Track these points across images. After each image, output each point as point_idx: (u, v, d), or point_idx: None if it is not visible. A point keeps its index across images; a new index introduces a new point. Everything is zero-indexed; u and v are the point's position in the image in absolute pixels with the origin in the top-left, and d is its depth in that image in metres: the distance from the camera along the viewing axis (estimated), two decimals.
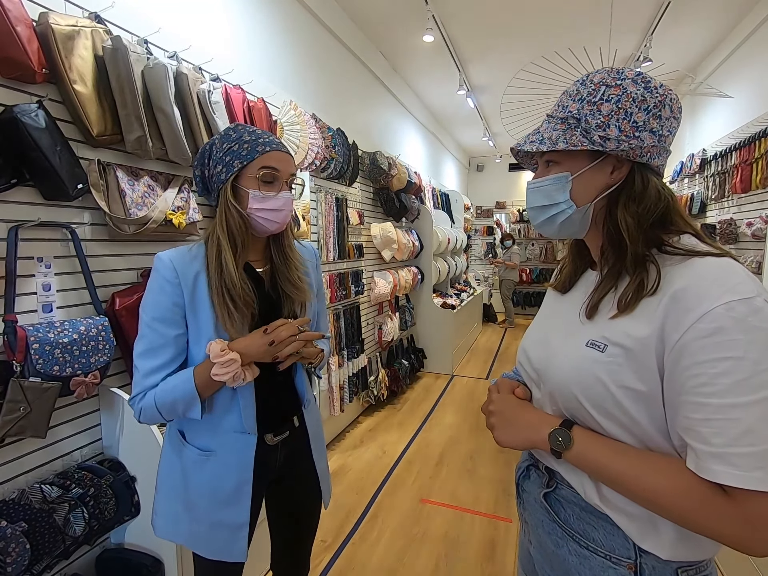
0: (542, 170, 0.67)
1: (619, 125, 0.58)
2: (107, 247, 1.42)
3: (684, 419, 0.52)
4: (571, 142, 0.60)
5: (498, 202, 8.25)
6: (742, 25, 3.28)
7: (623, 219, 0.60)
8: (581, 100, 0.61)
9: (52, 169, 1.16)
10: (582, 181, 0.63)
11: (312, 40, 2.76)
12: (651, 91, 0.58)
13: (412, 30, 3.36)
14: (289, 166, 0.92)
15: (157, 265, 0.89)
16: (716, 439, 0.48)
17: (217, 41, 1.95)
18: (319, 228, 2.70)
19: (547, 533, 0.70)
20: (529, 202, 0.70)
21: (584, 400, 0.59)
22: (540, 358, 0.70)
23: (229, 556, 0.93)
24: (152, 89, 1.42)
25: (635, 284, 0.57)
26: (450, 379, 4.37)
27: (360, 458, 2.75)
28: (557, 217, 0.66)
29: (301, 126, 2.25)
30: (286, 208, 0.92)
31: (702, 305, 0.49)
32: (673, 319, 0.52)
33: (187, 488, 0.93)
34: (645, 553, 0.59)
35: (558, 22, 3.31)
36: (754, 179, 2.89)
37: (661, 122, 0.58)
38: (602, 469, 0.57)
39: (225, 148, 0.88)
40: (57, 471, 1.28)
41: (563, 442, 0.60)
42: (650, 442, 0.57)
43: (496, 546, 1.96)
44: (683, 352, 0.50)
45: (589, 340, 0.60)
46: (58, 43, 1.18)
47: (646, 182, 0.60)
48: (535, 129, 0.67)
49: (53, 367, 1.14)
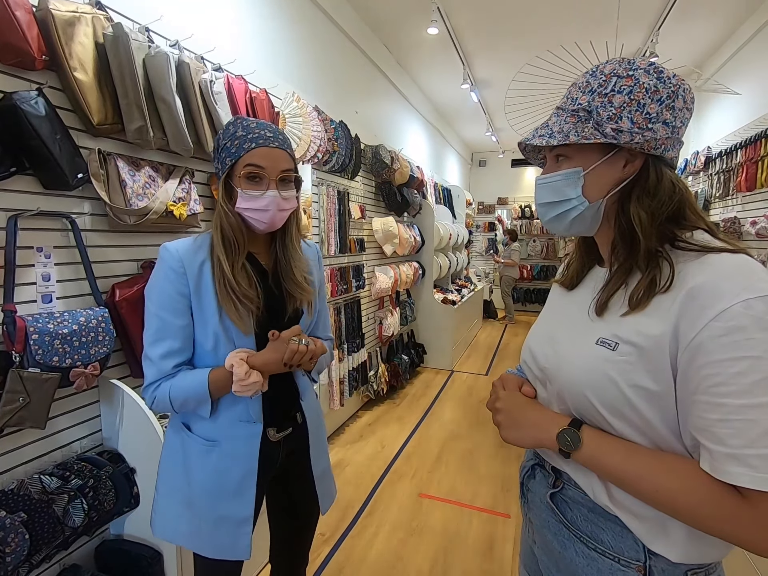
0: (551, 165, 0.65)
1: (631, 117, 0.56)
2: (107, 238, 1.41)
3: (698, 419, 0.50)
4: (583, 135, 0.58)
5: (500, 198, 8.22)
6: (751, 21, 3.24)
7: (636, 214, 0.58)
8: (592, 91, 0.59)
9: (52, 158, 1.14)
10: (594, 176, 0.60)
11: (316, 32, 2.73)
12: (664, 82, 0.56)
13: (416, 23, 3.32)
14: (277, 162, 0.88)
15: (163, 255, 0.88)
16: (733, 440, 0.47)
17: (220, 31, 1.92)
18: (320, 221, 2.69)
19: (553, 534, 0.69)
20: (538, 198, 0.68)
21: (595, 399, 0.58)
22: (547, 357, 0.68)
23: (233, 554, 0.92)
24: (153, 78, 1.40)
25: (647, 281, 0.56)
26: (450, 375, 4.37)
27: (359, 452, 2.76)
28: (569, 214, 0.64)
29: (303, 118, 2.23)
30: (271, 207, 0.88)
31: (719, 303, 0.48)
32: (688, 317, 0.50)
33: (190, 484, 0.92)
34: (654, 556, 0.58)
35: (564, 16, 3.27)
36: (760, 178, 2.87)
37: (674, 113, 0.56)
38: (612, 470, 0.56)
39: (222, 144, 0.89)
40: (56, 462, 1.28)
41: (572, 443, 0.58)
42: (661, 442, 0.56)
43: (494, 541, 1.96)
44: (699, 351, 0.49)
45: (600, 338, 0.59)
46: (58, 29, 1.16)
47: (660, 175, 0.58)
48: (543, 123, 0.65)
49: (53, 358, 1.13)
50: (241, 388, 0.85)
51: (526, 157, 0.74)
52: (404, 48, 3.85)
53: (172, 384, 0.86)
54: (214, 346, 0.89)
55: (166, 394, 0.86)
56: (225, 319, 0.88)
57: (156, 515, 0.97)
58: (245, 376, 0.84)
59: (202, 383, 0.86)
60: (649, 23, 3.38)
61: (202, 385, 0.86)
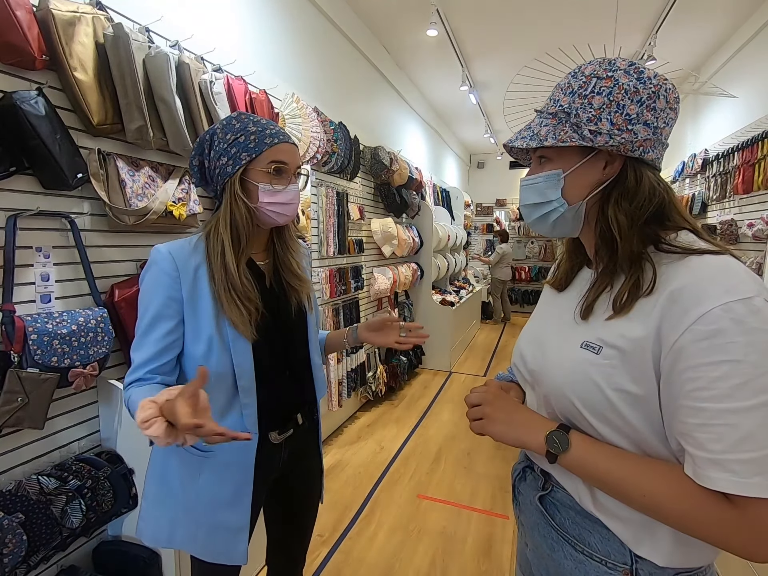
0: (535, 167, 0.65)
1: (611, 118, 0.55)
2: (107, 238, 1.41)
3: (680, 424, 0.50)
4: (560, 138, 0.58)
5: (498, 199, 8.24)
6: (748, 24, 3.27)
7: (614, 217, 0.58)
8: (572, 93, 0.59)
9: (52, 158, 1.14)
10: (574, 178, 0.60)
11: (316, 34, 2.74)
12: (644, 82, 0.55)
13: (416, 24, 3.33)
14: (296, 158, 0.91)
15: (155, 257, 0.85)
16: (714, 445, 0.46)
17: (220, 31, 1.92)
18: (319, 222, 2.69)
19: (542, 536, 0.68)
20: (522, 200, 0.68)
21: (579, 403, 0.58)
22: (535, 359, 0.68)
23: (229, 560, 0.91)
24: (153, 78, 1.40)
25: (630, 284, 0.55)
26: (448, 376, 4.37)
27: (357, 454, 2.75)
28: (550, 216, 0.64)
29: (303, 119, 2.23)
30: (295, 200, 0.91)
31: (700, 306, 0.48)
32: (669, 321, 0.50)
33: (185, 491, 0.89)
34: (641, 559, 0.57)
35: (562, 18, 3.28)
36: (756, 180, 2.89)
37: (655, 114, 0.56)
38: (599, 474, 0.55)
39: (229, 138, 0.85)
40: (54, 462, 1.27)
41: (560, 445, 0.57)
42: (647, 447, 0.55)
43: (492, 542, 1.96)
44: (680, 355, 0.49)
45: (584, 341, 0.58)
46: (58, 28, 1.16)
47: (640, 177, 0.58)
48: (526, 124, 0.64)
49: (51, 358, 1.12)
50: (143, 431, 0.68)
51: (514, 158, 0.74)
52: (403, 50, 3.86)
53: (131, 392, 0.79)
54: (207, 352, 0.85)
55: (126, 399, 0.80)
56: (223, 324, 0.85)
57: (145, 523, 0.92)
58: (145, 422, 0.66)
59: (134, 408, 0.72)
60: (647, 26, 3.40)
61: (134, 409, 0.73)
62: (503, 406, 0.65)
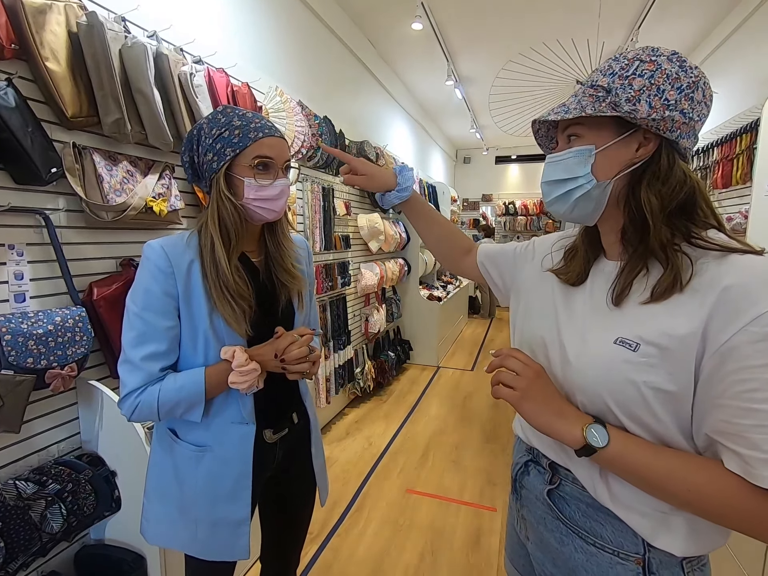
0: (563, 146, 0.64)
1: (650, 101, 0.55)
2: (84, 235, 1.37)
3: (724, 423, 0.50)
4: (599, 108, 0.57)
5: (484, 194, 8.27)
6: (726, 21, 3.32)
7: (647, 199, 0.57)
8: (613, 74, 0.58)
9: (24, 152, 1.10)
10: (606, 156, 0.59)
11: (299, 26, 2.69)
12: (686, 71, 0.55)
13: (401, 18, 3.30)
14: (283, 152, 0.88)
15: (148, 254, 0.83)
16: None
17: (200, 22, 1.87)
18: (305, 218, 2.66)
19: (549, 531, 0.68)
20: (545, 176, 0.65)
21: (612, 402, 0.57)
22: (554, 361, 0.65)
23: (232, 555, 0.91)
24: (130, 69, 1.36)
25: (672, 273, 0.54)
26: (436, 371, 4.39)
27: (346, 450, 2.75)
28: (573, 193, 0.62)
29: (287, 113, 2.20)
30: (282, 196, 0.89)
31: (755, 307, 0.47)
32: (719, 320, 0.49)
33: (183, 489, 0.89)
34: (653, 548, 0.58)
35: (547, 13, 3.30)
36: (735, 175, 2.94)
37: (692, 104, 0.55)
38: (640, 470, 0.55)
39: (214, 134, 0.83)
40: (33, 466, 1.23)
41: (600, 439, 0.56)
42: (670, 441, 0.55)
43: (480, 535, 1.98)
44: (731, 355, 0.48)
45: (619, 337, 0.57)
46: (27, 16, 1.11)
47: (672, 162, 0.57)
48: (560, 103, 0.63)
49: (27, 360, 1.09)
50: (239, 378, 0.82)
51: (538, 142, 0.72)
52: (388, 43, 3.83)
53: (161, 387, 0.81)
54: (203, 349, 0.86)
55: (155, 398, 0.80)
56: (217, 321, 0.85)
57: (148, 523, 0.93)
58: (245, 362, 0.83)
59: (197, 382, 0.82)
60: (630, 22, 3.43)
61: (197, 384, 0.82)
62: (543, 387, 0.62)
